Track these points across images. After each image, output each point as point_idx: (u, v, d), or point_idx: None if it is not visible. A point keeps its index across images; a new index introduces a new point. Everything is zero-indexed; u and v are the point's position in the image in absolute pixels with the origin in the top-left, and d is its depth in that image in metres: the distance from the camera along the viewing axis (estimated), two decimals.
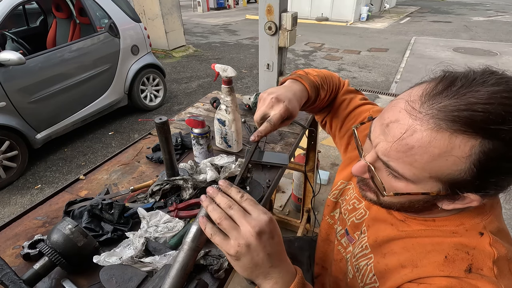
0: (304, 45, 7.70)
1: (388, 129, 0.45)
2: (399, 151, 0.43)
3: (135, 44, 3.55)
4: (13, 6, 2.57)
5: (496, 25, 10.24)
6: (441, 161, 0.41)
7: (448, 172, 0.42)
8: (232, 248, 0.46)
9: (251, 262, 0.46)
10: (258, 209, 0.48)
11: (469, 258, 0.47)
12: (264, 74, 2.28)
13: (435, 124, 0.40)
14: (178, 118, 1.44)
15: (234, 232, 0.46)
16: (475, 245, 0.48)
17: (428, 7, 15.71)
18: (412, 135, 0.42)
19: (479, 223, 0.50)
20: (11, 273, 0.61)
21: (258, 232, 0.45)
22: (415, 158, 0.42)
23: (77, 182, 1.03)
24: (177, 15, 6.61)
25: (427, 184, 0.45)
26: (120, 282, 0.62)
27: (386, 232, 0.59)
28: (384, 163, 0.47)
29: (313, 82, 0.74)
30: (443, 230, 0.51)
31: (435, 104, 0.41)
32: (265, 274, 0.47)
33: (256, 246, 0.45)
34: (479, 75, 0.41)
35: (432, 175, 0.43)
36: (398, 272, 0.52)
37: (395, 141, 0.44)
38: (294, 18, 2.06)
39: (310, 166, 1.76)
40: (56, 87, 2.84)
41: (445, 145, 0.40)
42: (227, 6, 14.77)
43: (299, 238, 1.18)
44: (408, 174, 0.44)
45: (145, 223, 0.78)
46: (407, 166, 0.44)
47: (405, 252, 0.53)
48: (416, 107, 0.42)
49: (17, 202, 2.52)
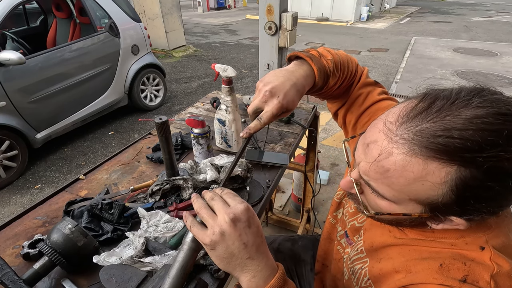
0: (304, 45, 7.70)
1: (368, 149, 0.45)
2: (377, 172, 0.43)
3: (135, 44, 3.55)
4: (13, 6, 2.57)
5: (496, 26, 10.24)
6: (418, 185, 0.40)
7: (426, 196, 0.41)
8: (207, 236, 0.46)
9: (226, 251, 0.46)
10: (235, 199, 0.48)
11: (466, 269, 0.45)
12: (264, 74, 2.28)
13: (409, 149, 0.39)
14: (178, 118, 1.44)
15: (210, 221, 0.46)
16: (473, 258, 0.46)
17: (428, 7, 15.72)
18: (387, 157, 0.41)
19: (481, 237, 0.47)
20: (11, 273, 0.61)
21: (233, 219, 0.45)
22: (391, 180, 0.42)
23: (77, 182, 1.03)
24: (177, 15, 6.61)
25: (408, 205, 0.44)
26: (120, 282, 0.62)
27: (383, 238, 0.58)
28: (365, 182, 0.47)
29: (324, 68, 0.64)
30: (442, 241, 0.49)
31: (412, 127, 0.40)
32: (242, 266, 0.46)
33: (230, 234, 0.45)
34: (462, 95, 0.39)
35: (411, 198, 0.42)
36: (392, 277, 0.52)
37: (372, 162, 0.43)
38: (294, 18, 2.06)
39: (310, 166, 1.76)
40: (56, 87, 2.84)
41: (420, 170, 0.39)
42: (227, 6, 14.78)
43: (303, 237, 1.18)
44: (388, 195, 0.44)
45: (145, 223, 0.78)
46: (386, 188, 0.43)
47: (401, 257, 0.52)
48: (392, 129, 0.42)
49: (17, 202, 2.52)
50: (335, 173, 2.75)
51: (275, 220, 2.14)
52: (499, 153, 0.35)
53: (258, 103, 0.59)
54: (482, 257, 0.45)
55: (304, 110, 1.51)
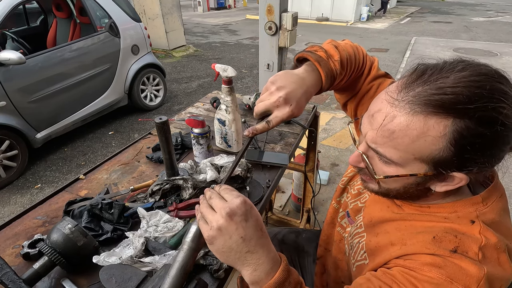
0: (304, 45, 7.70)
1: (373, 118, 0.50)
2: (383, 137, 0.47)
3: (135, 43, 3.55)
4: (13, 5, 2.57)
5: (496, 26, 10.24)
6: (421, 142, 0.45)
7: (429, 152, 0.45)
8: (206, 231, 0.48)
9: (224, 245, 0.47)
10: (232, 194, 0.49)
11: (457, 241, 0.49)
12: (264, 74, 2.28)
13: (410, 109, 0.44)
14: (178, 118, 1.44)
15: (209, 217, 0.48)
16: (464, 231, 0.50)
17: (428, 7, 15.72)
18: (392, 120, 0.46)
19: (472, 212, 0.51)
20: (10, 273, 0.61)
21: (229, 213, 0.46)
22: (397, 141, 0.46)
23: (77, 182, 1.03)
24: (178, 15, 6.61)
25: (414, 165, 0.48)
26: (119, 281, 0.62)
27: (381, 213, 0.62)
28: (373, 149, 0.50)
29: (331, 71, 0.65)
30: (436, 215, 0.54)
31: (410, 91, 0.45)
32: (242, 260, 0.47)
33: (227, 228, 0.46)
34: (448, 64, 0.46)
35: (416, 156, 0.46)
36: (387, 249, 0.55)
37: (378, 128, 0.48)
38: (295, 18, 2.06)
39: (310, 166, 1.76)
40: (56, 87, 2.84)
41: (421, 126, 0.44)
42: (227, 6, 14.77)
43: (307, 230, 1.20)
44: (395, 158, 0.48)
45: (145, 223, 0.78)
46: (393, 150, 0.47)
47: (397, 232, 0.56)
48: (394, 96, 0.47)
49: (17, 202, 2.52)
50: (335, 173, 2.75)
51: (275, 220, 2.14)
52: (485, 103, 0.41)
53: (270, 106, 0.59)
54: (472, 230, 0.49)
55: (304, 110, 1.51)
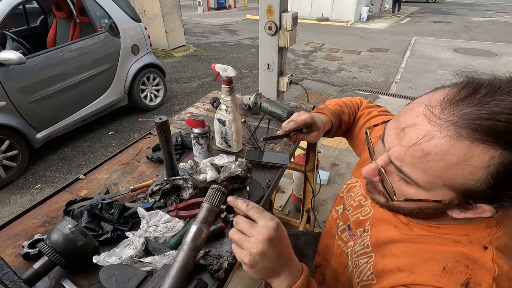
0: (304, 45, 7.70)
1: (404, 133, 0.44)
2: (414, 157, 0.42)
3: (135, 43, 3.55)
4: (13, 5, 2.57)
5: (497, 26, 10.24)
6: (457, 170, 0.40)
7: (463, 182, 0.40)
8: (245, 257, 0.49)
9: (265, 267, 0.50)
10: (264, 216, 0.50)
11: (468, 272, 0.45)
12: (264, 74, 2.28)
13: (455, 131, 0.39)
14: (178, 118, 1.44)
15: (245, 243, 0.49)
16: (476, 259, 0.46)
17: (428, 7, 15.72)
18: (429, 141, 0.40)
19: (485, 237, 0.48)
20: (10, 273, 0.61)
21: (268, 239, 0.48)
22: (430, 165, 0.41)
23: (77, 182, 1.03)
24: (178, 15, 6.61)
25: (440, 191, 0.43)
26: (119, 281, 0.62)
27: (388, 233, 0.59)
28: (396, 167, 0.45)
29: (333, 111, 0.88)
30: (446, 238, 0.50)
31: (456, 111, 0.39)
32: (276, 273, 0.51)
33: (268, 253, 0.48)
34: (504, 83, 0.40)
35: (446, 183, 0.42)
36: (395, 275, 0.52)
37: (410, 146, 0.42)
38: (295, 18, 2.05)
39: (310, 166, 1.76)
40: (56, 87, 2.84)
41: (463, 154, 0.38)
42: (227, 6, 14.77)
43: (306, 233, 1.20)
44: (421, 181, 0.43)
45: (145, 223, 0.78)
46: (421, 173, 0.42)
47: (405, 256, 0.53)
48: (436, 113, 0.41)
49: (17, 202, 2.52)
50: (335, 173, 2.75)
51: None
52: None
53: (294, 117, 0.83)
54: (485, 257, 0.46)
55: (304, 110, 1.51)
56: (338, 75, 5.49)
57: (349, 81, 5.15)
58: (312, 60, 6.42)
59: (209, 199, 0.60)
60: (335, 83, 5.09)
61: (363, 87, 4.85)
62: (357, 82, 5.09)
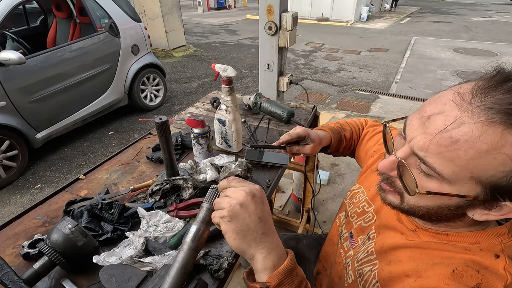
0: (304, 45, 7.70)
1: (430, 121, 0.41)
2: (440, 145, 0.39)
3: (135, 43, 3.55)
4: (13, 5, 2.57)
5: (497, 26, 10.24)
6: (488, 159, 0.37)
7: (492, 173, 0.38)
8: (226, 210, 0.47)
9: (243, 223, 0.46)
10: (248, 182, 0.51)
11: (479, 277, 0.43)
12: (264, 74, 2.28)
13: (487, 117, 0.36)
14: (178, 118, 1.44)
15: (226, 199, 0.48)
16: (487, 266, 0.44)
17: (428, 7, 15.72)
18: (458, 127, 0.38)
19: (497, 245, 0.46)
20: (10, 273, 0.61)
21: (250, 192, 0.47)
22: (458, 153, 0.38)
23: (77, 182, 1.03)
24: (178, 15, 6.61)
25: (466, 185, 0.40)
26: (120, 281, 0.62)
27: (394, 240, 0.57)
28: (420, 158, 0.42)
29: (332, 127, 0.92)
30: (455, 245, 0.48)
31: (488, 97, 0.37)
32: (257, 241, 0.47)
33: (247, 205, 0.46)
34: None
35: (473, 175, 0.39)
36: (402, 281, 0.50)
37: (437, 134, 0.40)
38: (294, 18, 2.05)
39: (310, 166, 1.76)
40: (56, 87, 2.84)
41: (496, 141, 0.36)
42: (227, 6, 14.77)
43: (307, 236, 1.18)
44: (446, 172, 0.40)
45: (145, 223, 0.78)
46: (447, 163, 0.39)
47: (411, 261, 0.51)
48: (466, 99, 0.39)
49: (17, 202, 2.52)
50: (335, 173, 2.75)
51: (275, 220, 2.14)
52: None
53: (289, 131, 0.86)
54: (496, 265, 0.44)
55: (304, 110, 1.51)
56: (338, 75, 5.49)
57: (349, 81, 5.15)
58: (312, 60, 6.42)
59: (209, 199, 0.60)
60: (335, 83, 5.09)
61: (363, 87, 4.85)
62: (357, 82, 5.09)
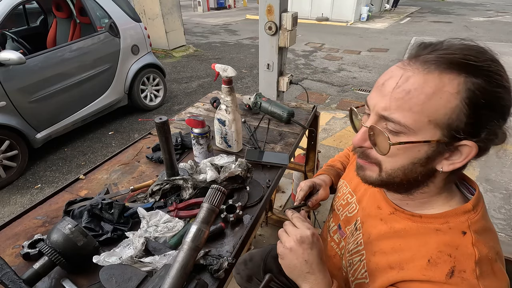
0: (304, 45, 7.70)
1: (384, 86, 0.50)
2: (398, 99, 0.47)
3: (135, 43, 3.55)
4: (13, 5, 2.57)
5: (496, 26, 10.24)
6: (436, 100, 0.45)
7: (443, 112, 0.45)
8: (279, 248, 0.62)
9: (291, 262, 0.59)
10: (304, 224, 0.62)
11: (452, 260, 0.49)
12: (264, 74, 2.28)
13: (424, 68, 0.46)
14: (178, 118, 1.44)
15: (283, 238, 0.62)
16: (457, 245, 0.50)
17: (428, 7, 15.72)
18: (407, 80, 0.47)
19: (464, 222, 0.52)
20: (10, 273, 0.61)
21: (299, 240, 0.59)
22: (413, 101, 0.46)
23: (77, 182, 1.03)
24: (177, 15, 6.61)
25: (427, 131, 0.47)
26: (120, 282, 0.62)
27: (377, 229, 0.63)
28: (385, 118, 0.49)
29: (326, 169, 0.99)
30: (428, 227, 0.54)
31: (421, 57, 0.48)
32: (303, 277, 0.59)
33: (296, 250, 0.59)
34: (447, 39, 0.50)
35: (430, 119, 0.46)
36: (386, 273, 0.56)
37: (392, 91, 0.48)
38: (294, 18, 2.05)
39: (310, 166, 1.76)
40: (56, 87, 2.84)
41: (437, 83, 0.45)
42: (227, 6, 14.77)
43: None
44: (409, 122, 0.47)
45: (145, 223, 0.78)
46: (407, 113, 0.46)
47: (394, 253, 0.57)
48: (406, 63, 0.50)
49: (17, 202, 2.52)
50: None
51: (275, 220, 2.14)
52: (489, 64, 0.45)
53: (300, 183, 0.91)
54: (465, 242, 0.50)
55: (304, 110, 1.51)
56: (338, 75, 5.49)
57: (349, 81, 5.15)
58: (312, 60, 6.42)
59: (209, 199, 0.60)
60: (335, 83, 5.09)
61: (363, 87, 4.85)
62: (357, 82, 5.09)
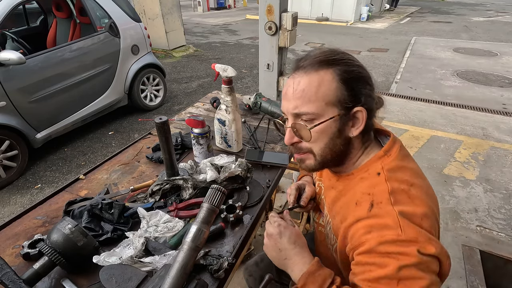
0: (304, 45, 7.70)
1: (286, 94, 0.67)
2: (299, 98, 0.64)
3: (135, 43, 3.55)
4: (13, 5, 2.57)
5: (496, 26, 10.23)
6: (323, 88, 0.62)
7: (331, 94, 0.62)
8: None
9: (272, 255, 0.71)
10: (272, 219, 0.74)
11: (370, 197, 0.62)
12: (264, 74, 2.28)
13: (305, 72, 0.64)
14: (178, 118, 1.44)
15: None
16: (375, 184, 0.63)
17: (428, 7, 15.71)
18: (299, 84, 0.64)
19: (378, 165, 0.65)
20: (10, 273, 0.61)
21: (269, 234, 0.71)
22: (309, 94, 0.63)
23: (77, 182, 1.03)
24: (177, 15, 6.61)
25: (329, 111, 0.63)
26: (120, 281, 0.62)
27: (331, 197, 0.75)
28: (298, 114, 0.65)
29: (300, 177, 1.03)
30: (356, 179, 0.68)
31: (300, 67, 0.66)
32: (284, 264, 0.69)
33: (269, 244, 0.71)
34: (311, 50, 0.68)
35: (326, 101, 0.62)
36: (340, 228, 0.67)
37: (293, 93, 0.65)
38: (294, 18, 2.06)
39: None
40: (56, 87, 2.84)
41: (318, 77, 0.62)
42: (227, 6, 14.77)
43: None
44: (313, 109, 0.63)
45: (145, 223, 0.78)
46: (310, 104, 0.63)
47: (341, 210, 0.70)
48: (293, 74, 0.66)
49: (17, 202, 2.51)
50: None
51: None
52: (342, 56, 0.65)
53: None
54: (380, 180, 0.63)
55: None
56: None
57: None
58: None
59: (209, 199, 0.60)
60: None
61: None
62: None
